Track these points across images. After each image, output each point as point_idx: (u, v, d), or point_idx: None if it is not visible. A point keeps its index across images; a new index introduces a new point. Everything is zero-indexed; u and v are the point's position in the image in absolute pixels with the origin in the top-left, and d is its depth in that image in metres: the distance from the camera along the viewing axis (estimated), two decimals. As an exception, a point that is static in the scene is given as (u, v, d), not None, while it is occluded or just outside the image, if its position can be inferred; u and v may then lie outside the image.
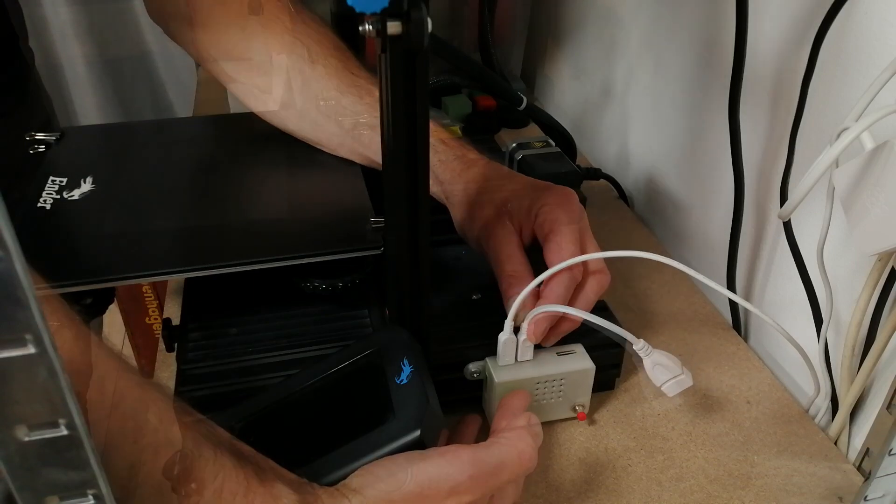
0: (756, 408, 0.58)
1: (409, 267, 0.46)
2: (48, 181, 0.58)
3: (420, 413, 0.41)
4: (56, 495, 0.23)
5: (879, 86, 0.45)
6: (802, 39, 0.56)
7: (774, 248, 0.64)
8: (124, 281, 0.50)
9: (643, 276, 0.72)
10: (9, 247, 0.18)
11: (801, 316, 0.59)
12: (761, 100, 0.62)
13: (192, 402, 0.49)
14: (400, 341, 0.46)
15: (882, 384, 0.53)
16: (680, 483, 0.52)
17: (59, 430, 0.22)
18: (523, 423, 0.44)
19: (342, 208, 0.57)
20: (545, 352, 0.53)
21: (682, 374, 0.50)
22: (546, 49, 1.11)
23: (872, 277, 0.50)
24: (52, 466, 0.22)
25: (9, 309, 0.19)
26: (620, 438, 0.55)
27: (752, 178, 0.64)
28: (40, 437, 0.22)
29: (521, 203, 0.54)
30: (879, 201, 0.43)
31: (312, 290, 0.54)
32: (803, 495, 0.51)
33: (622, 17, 0.87)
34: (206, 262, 0.51)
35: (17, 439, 0.22)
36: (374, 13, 0.36)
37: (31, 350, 0.20)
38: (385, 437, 0.41)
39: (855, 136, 0.43)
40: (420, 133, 0.41)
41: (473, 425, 0.51)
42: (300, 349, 0.53)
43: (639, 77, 0.85)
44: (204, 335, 0.54)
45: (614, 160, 0.92)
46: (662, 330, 0.66)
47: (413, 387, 0.43)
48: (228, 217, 0.56)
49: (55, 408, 0.21)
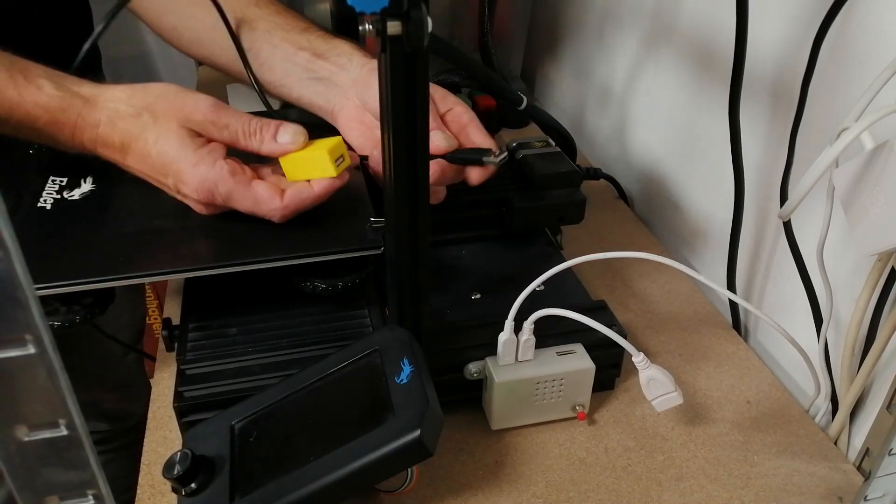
0: (756, 408, 0.58)
1: (409, 267, 0.46)
2: (48, 181, 0.58)
3: (420, 413, 0.41)
4: (56, 495, 0.23)
5: (879, 86, 0.45)
6: (802, 39, 0.56)
7: (774, 248, 0.64)
8: (124, 281, 0.50)
9: (643, 276, 0.72)
10: (9, 247, 0.18)
11: (801, 316, 0.59)
12: (761, 100, 0.62)
13: (192, 401, 0.50)
14: (400, 341, 0.46)
15: (882, 384, 0.53)
16: (680, 483, 0.52)
17: (59, 430, 0.22)
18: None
19: (342, 208, 0.57)
20: (545, 351, 0.53)
21: (674, 391, 0.50)
22: (546, 49, 1.11)
23: (872, 277, 0.50)
24: (52, 466, 0.22)
25: (9, 309, 0.19)
26: (620, 438, 0.55)
27: (752, 178, 0.64)
28: (40, 437, 0.22)
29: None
30: (879, 201, 0.43)
31: (312, 290, 0.54)
32: (803, 495, 0.51)
33: (622, 17, 0.87)
34: (206, 262, 0.51)
35: (17, 439, 0.22)
36: (374, 13, 0.36)
37: (31, 350, 0.20)
38: (385, 437, 0.41)
39: (855, 136, 0.43)
40: (420, 133, 0.41)
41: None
42: (300, 349, 0.53)
43: (639, 77, 0.85)
44: (204, 335, 0.54)
45: (614, 160, 0.92)
46: (662, 330, 0.66)
47: (413, 387, 0.43)
48: (228, 217, 0.56)
49: (55, 408, 0.21)
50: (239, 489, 0.43)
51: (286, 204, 0.52)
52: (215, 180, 0.51)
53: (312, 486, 0.41)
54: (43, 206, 0.55)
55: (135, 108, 0.51)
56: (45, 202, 0.55)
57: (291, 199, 0.52)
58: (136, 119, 0.51)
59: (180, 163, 0.51)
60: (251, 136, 0.53)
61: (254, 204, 0.52)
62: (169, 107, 0.51)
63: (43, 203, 0.55)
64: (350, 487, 0.41)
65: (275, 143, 0.53)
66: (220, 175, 0.51)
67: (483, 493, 0.50)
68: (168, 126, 0.51)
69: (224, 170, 0.51)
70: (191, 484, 0.43)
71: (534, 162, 0.66)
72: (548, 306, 0.50)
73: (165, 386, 0.58)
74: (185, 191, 0.52)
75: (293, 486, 0.41)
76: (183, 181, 0.51)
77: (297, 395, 0.47)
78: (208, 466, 0.44)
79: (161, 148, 0.51)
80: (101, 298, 0.53)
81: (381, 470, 0.42)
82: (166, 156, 0.51)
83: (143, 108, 0.51)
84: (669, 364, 0.61)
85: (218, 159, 0.51)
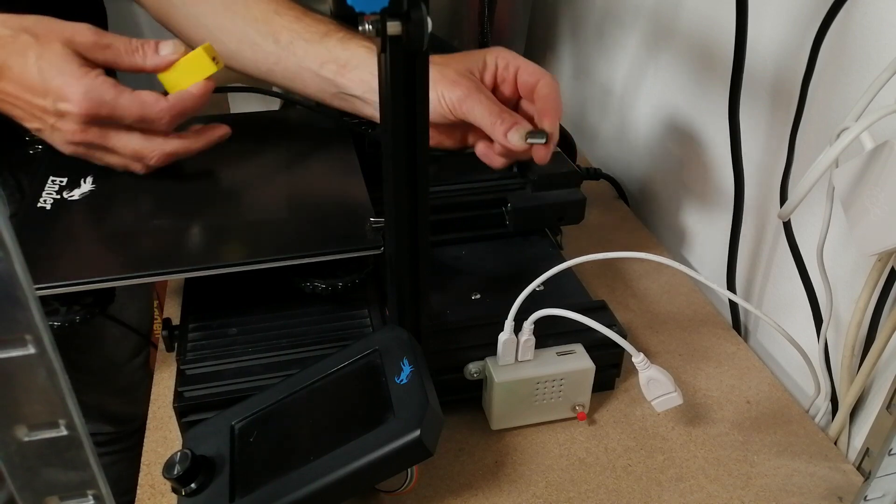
0: (756, 408, 0.58)
1: (409, 267, 0.46)
2: (48, 181, 0.58)
3: (420, 413, 0.41)
4: (56, 495, 0.23)
5: (879, 86, 0.45)
6: (802, 39, 0.56)
7: (774, 248, 0.64)
8: (124, 281, 0.50)
9: (643, 276, 0.72)
10: (9, 247, 0.18)
11: (801, 316, 0.59)
12: (761, 100, 0.62)
13: (192, 401, 0.50)
14: (400, 341, 0.46)
15: (882, 384, 0.53)
16: (680, 483, 0.52)
17: (59, 430, 0.22)
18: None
19: (342, 208, 0.57)
20: (545, 352, 0.53)
21: (674, 391, 0.50)
22: (546, 49, 1.11)
23: (872, 277, 0.50)
24: (52, 466, 0.22)
25: (9, 309, 0.19)
26: (620, 438, 0.55)
27: (752, 178, 0.64)
28: (40, 437, 0.22)
29: (491, 68, 0.60)
30: (879, 201, 0.43)
31: (312, 290, 0.54)
32: (803, 495, 0.51)
33: (622, 17, 0.87)
34: (206, 262, 0.51)
35: (17, 439, 0.22)
36: (374, 13, 0.36)
37: (31, 350, 0.20)
38: (385, 437, 0.41)
39: (855, 136, 0.43)
40: (420, 133, 0.41)
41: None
42: (300, 349, 0.53)
43: (639, 77, 0.85)
44: (204, 335, 0.54)
45: (614, 160, 0.92)
46: (662, 330, 0.66)
47: (413, 387, 0.43)
48: (228, 217, 0.56)
49: (55, 408, 0.21)
50: (239, 489, 0.43)
51: (171, 104, 0.53)
52: (100, 89, 0.51)
53: (312, 487, 0.41)
54: (43, 206, 0.55)
55: (12, 29, 0.51)
56: (45, 202, 0.55)
57: (176, 98, 0.54)
58: (14, 39, 0.51)
59: (64, 76, 0.50)
60: (134, 53, 0.54)
61: (140, 107, 0.52)
62: (50, 29, 0.51)
63: (43, 203, 0.55)
64: (350, 487, 0.41)
65: (157, 56, 0.55)
66: (105, 84, 0.51)
67: (483, 493, 0.50)
68: (51, 46, 0.51)
69: (108, 81, 0.52)
70: (191, 484, 0.43)
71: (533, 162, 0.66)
72: (548, 306, 0.50)
73: (165, 386, 0.58)
74: (66, 107, 0.51)
75: (293, 487, 0.41)
76: (65, 96, 0.50)
77: (298, 396, 0.47)
78: (208, 466, 0.44)
79: (43, 65, 0.50)
80: (101, 298, 0.53)
81: (381, 470, 0.42)
82: (48, 72, 0.50)
83: (21, 30, 0.51)
84: (669, 364, 0.61)
85: (100, 74, 0.52)
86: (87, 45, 0.52)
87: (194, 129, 0.58)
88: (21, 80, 0.51)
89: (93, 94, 0.50)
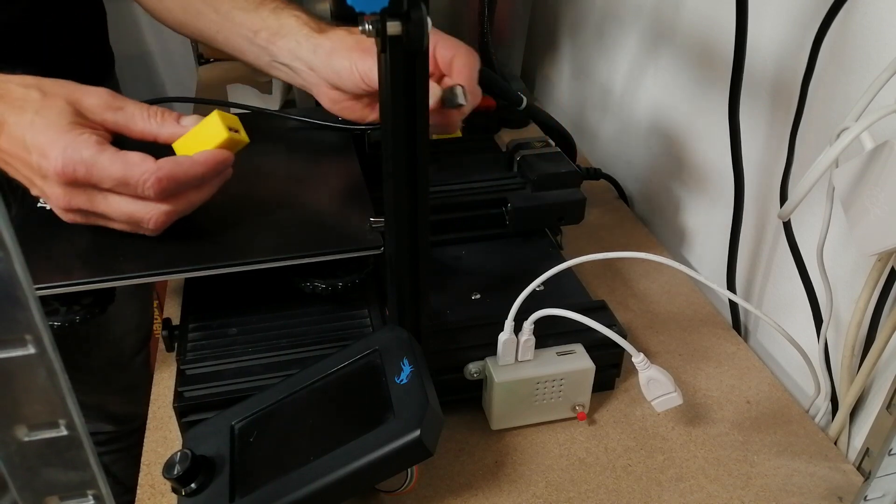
0: (756, 408, 0.58)
1: (409, 267, 0.46)
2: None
3: (420, 413, 0.41)
4: (56, 495, 0.23)
5: (879, 86, 0.45)
6: (802, 39, 0.56)
7: (774, 248, 0.64)
8: (124, 281, 0.50)
9: (643, 276, 0.72)
10: (9, 247, 0.18)
11: (801, 316, 0.59)
12: (761, 100, 0.62)
13: (192, 401, 0.50)
14: (400, 341, 0.46)
15: (882, 384, 0.53)
16: (680, 483, 0.52)
17: (59, 430, 0.22)
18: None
19: (342, 208, 0.57)
20: (545, 352, 0.53)
21: (674, 392, 0.51)
22: (546, 49, 1.11)
23: (872, 277, 0.50)
24: (52, 466, 0.22)
25: (9, 309, 0.19)
26: (620, 438, 0.55)
27: (752, 178, 0.64)
28: (40, 437, 0.22)
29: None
30: (879, 201, 0.43)
31: (312, 290, 0.54)
32: (803, 495, 0.51)
33: (622, 17, 0.87)
34: (206, 262, 0.51)
35: (17, 439, 0.22)
36: (373, 13, 0.36)
37: (31, 350, 0.20)
38: (385, 437, 0.41)
39: (855, 136, 0.43)
40: (420, 133, 0.41)
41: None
42: (300, 349, 0.53)
43: (639, 77, 0.85)
44: (204, 335, 0.54)
45: (614, 160, 0.92)
46: (662, 330, 0.66)
47: (413, 387, 0.43)
48: (228, 217, 0.56)
49: (55, 408, 0.21)
50: (239, 489, 0.43)
51: (159, 166, 0.47)
52: (79, 146, 0.46)
53: (312, 486, 0.41)
54: (43, 206, 0.55)
55: (25, 87, 0.48)
56: (45, 202, 0.55)
57: (167, 161, 0.48)
58: (21, 96, 0.48)
59: (49, 133, 0.46)
60: (150, 118, 0.50)
61: (123, 167, 0.46)
62: (61, 87, 0.49)
63: (43, 203, 0.55)
64: (350, 487, 0.41)
65: (176, 126, 0.51)
66: (87, 141, 0.46)
67: (483, 493, 0.50)
68: (53, 103, 0.48)
69: (91, 139, 0.47)
70: (191, 484, 0.43)
71: (533, 162, 0.66)
72: (548, 306, 0.50)
73: (165, 386, 0.58)
74: (45, 164, 0.46)
75: (293, 486, 0.41)
76: (45, 153, 0.46)
77: (298, 396, 0.47)
78: (208, 466, 0.44)
79: (37, 120, 0.47)
80: (100, 298, 0.53)
81: (381, 470, 0.42)
82: (38, 127, 0.46)
83: (34, 85, 0.48)
84: (669, 364, 0.61)
85: (86, 132, 0.47)
86: (96, 105, 0.49)
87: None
88: (12, 135, 0.47)
89: (69, 151, 0.46)
